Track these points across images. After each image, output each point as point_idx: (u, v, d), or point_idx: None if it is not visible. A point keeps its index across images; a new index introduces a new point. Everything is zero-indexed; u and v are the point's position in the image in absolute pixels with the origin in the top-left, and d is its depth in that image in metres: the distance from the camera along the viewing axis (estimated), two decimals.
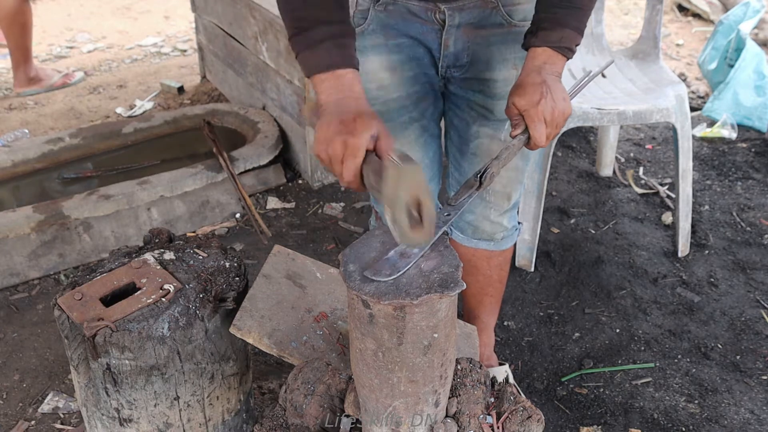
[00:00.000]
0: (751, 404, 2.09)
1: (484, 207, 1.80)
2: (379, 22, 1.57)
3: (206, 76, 4.12)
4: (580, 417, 2.06)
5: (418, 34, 1.57)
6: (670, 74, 2.71)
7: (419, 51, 1.60)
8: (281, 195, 3.09)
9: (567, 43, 1.39)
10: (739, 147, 3.45)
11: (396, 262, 1.11)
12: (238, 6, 3.31)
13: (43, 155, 3.08)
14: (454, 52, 1.59)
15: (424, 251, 1.13)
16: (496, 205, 1.79)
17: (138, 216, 2.73)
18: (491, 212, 1.80)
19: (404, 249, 1.13)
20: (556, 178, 3.21)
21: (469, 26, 1.55)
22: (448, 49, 1.58)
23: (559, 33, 1.38)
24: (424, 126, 1.69)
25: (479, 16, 1.54)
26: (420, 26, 1.56)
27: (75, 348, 1.42)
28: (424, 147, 1.71)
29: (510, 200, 1.79)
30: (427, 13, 1.54)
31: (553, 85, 1.38)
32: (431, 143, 1.73)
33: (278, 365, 2.06)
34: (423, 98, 1.66)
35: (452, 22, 1.54)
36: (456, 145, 1.75)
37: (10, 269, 2.54)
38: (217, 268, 1.55)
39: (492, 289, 2.01)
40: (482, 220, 1.82)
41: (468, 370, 1.35)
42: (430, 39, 1.58)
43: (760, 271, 2.63)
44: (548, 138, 1.40)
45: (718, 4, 4.90)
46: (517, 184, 1.77)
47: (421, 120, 1.67)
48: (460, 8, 1.52)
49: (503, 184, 1.75)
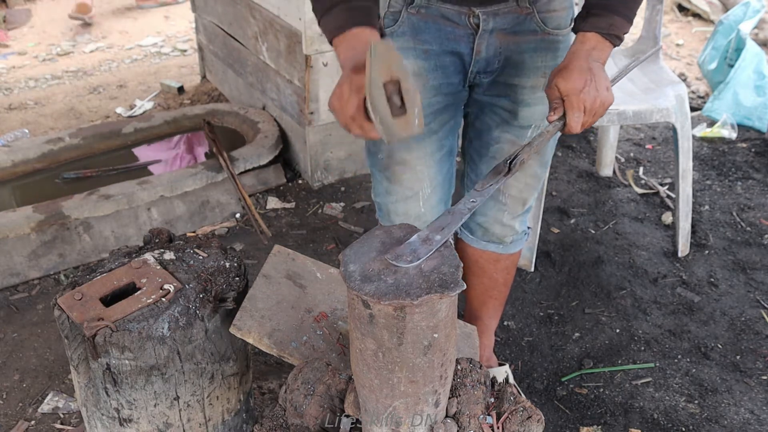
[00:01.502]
0: (751, 404, 2.09)
1: (497, 210, 1.79)
2: (410, 25, 1.54)
3: (206, 76, 4.12)
4: (580, 417, 2.06)
5: (450, 40, 1.55)
6: (670, 74, 2.71)
7: (446, 60, 1.58)
8: (281, 195, 3.09)
9: (616, 30, 1.38)
10: (739, 147, 3.45)
11: (417, 248, 1.09)
12: (238, 6, 3.31)
13: (43, 155, 3.08)
14: (485, 58, 1.57)
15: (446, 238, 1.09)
16: (510, 208, 1.78)
17: (138, 216, 2.74)
18: (504, 215, 1.80)
19: (426, 234, 1.10)
20: (556, 178, 3.21)
21: (503, 32, 1.53)
22: (480, 54, 1.56)
23: (609, 20, 1.37)
24: (441, 140, 1.67)
25: (513, 21, 1.53)
26: (453, 30, 1.54)
27: (75, 348, 1.42)
28: (438, 164, 1.69)
29: (525, 205, 1.78)
30: (461, 17, 1.52)
31: (598, 73, 1.36)
32: (446, 162, 1.72)
33: (278, 365, 2.06)
34: (443, 110, 1.64)
35: (486, 27, 1.52)
36: (475, 148, 1.74)
37: (10, 269, 2.54)
38: (217, 268, 1.55)
39: (496, 292, 2.01)
40: (494, 222, 1.82)
41: (468, 370, 1.35)
42: (462, 44, 1.55)
43: (760, 271, 2.63)
44: (584, 126, 1.39)
45: (718, 4, 4.89)
46: (534, 190, 1.76)
47: (438, 132, 1.65)
48: (495, 13, 1.51)
49: (520, 189, 1.74)
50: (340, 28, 1.26)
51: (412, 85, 0.99)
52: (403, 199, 1.70)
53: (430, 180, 1.69)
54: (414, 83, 1.01)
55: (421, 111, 1.03)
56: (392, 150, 1.64)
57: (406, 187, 1.68)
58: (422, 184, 1.68)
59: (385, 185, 1.71)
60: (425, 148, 1.65)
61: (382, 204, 1.76)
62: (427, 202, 1.71)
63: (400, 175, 1.67)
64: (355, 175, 3.22)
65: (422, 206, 1.71)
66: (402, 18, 1.54)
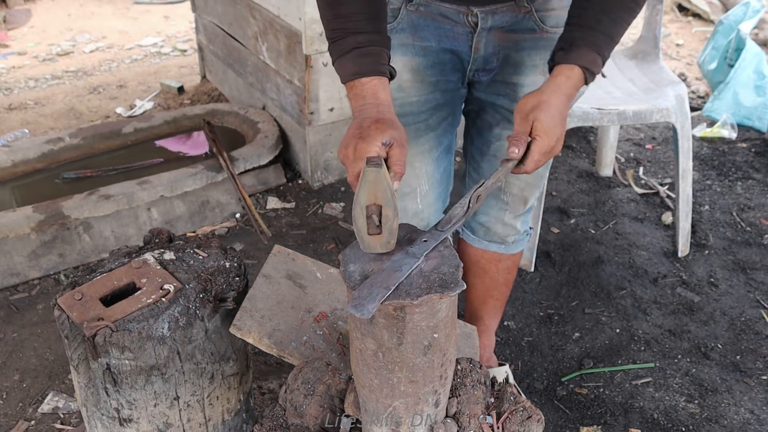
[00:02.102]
0: (751, 404, 2.09)
1: (499, 209, 1.79)
2: (409, 22, 1.55)
3: (206, 76, 4.12)
4: (580, 417, 2.06)
5: (449, 37, 1.56)
6: (670, 74, 2.71)
7: (445, 57, 1.58)
8: (281, 195, 3.09)
9: (594, 67, 1.34)
10: (739, 147, 3.45)
11: (372, 292, 1.06)
12: (238, 6, 3.31)
13: (43, 155, 3.08)
14: (484, 56, 1.57)
15: (399, 280, 1.07)
16: (512, 207, 1.78)
17: (138, 216, 2.73)
18: (506, 215, 1.80)
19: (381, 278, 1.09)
20: (556, 178, 3.21)
21: (501, 30, 1.54)
22: (478, 52, 1.57)
23: (591, 56, 1.33)
24: (439, 137, 1.67)
25: (512, 20, 1.53)
26: (451, 28, 1.55)
27: (75, 348, 1.42)
28: (436, 161, 1.70)
29: (526, 204, 1.78)
30: (459, 16, 1.52)
31: (566, 113, 1.34)
32: (443, 159, 1.72)
33: (278, 365, 2.06)
34: (441, 107, 1.64)
35: (484, 26, 1.52)
36: (477, 147, 1.74)
37: (10, 269, 2.54)
38: (217, 268, 1.55)
39: (497, 292, 2.01)
40: (495, 222, 1.82)
41: (468, 370, 1.35)
42: (460, 42, 1.56)
43: (760, 271, 2.63)
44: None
45: (718, 4, 4.90)
46: (535, 189, 1.76)
47: (436, 129, 1.66)
48: (493, 12, 1.51)
49: (521, 188, 1.74)
50: (353, 75, 1.30)
51: (393, 211, 1.10)
52: (401, 196, 1.71)
53: (428, 177, 1.69)
54: (395, 210, 1.10)
55: (395, 235, 1.12)
56: None
57: (403, 184, 1.69)
58: (420, 181, 1.69)
59: None
60: (423, 145, 1.65)
61: None
62: (424, 199, 1.72)
63: None
64: None
65: (420, 203, 1.72)
66: (401, 15, 1.55)
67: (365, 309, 1.01)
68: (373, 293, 1.04)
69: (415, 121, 1.62)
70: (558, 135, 1.32)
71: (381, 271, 1.09)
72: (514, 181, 1.72)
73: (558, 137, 1.32)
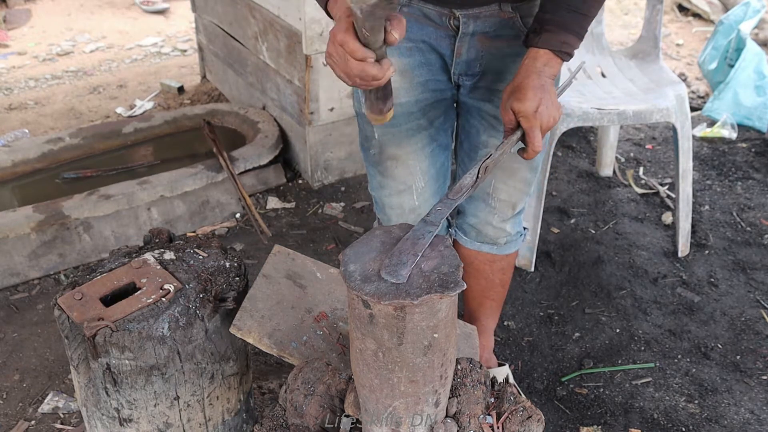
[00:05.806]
0: (751, 404, 2.09)
1: (487, 212, 1.79)
2: None
3: (206, 76, 4.12)
4: (580, 417, 2.06)
5: (432, 39, 1.55)
6: (670, 74, 2.71)
7: (432, 57, 1.58)
8: (281, 195, 3.10)
9: (567, 48, 1.38)
10: (739, 147, 3.45)
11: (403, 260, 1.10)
12: (238, 6, 3.31)
13: (43, 155, 3.08)
14: (466, 60, 1.57)
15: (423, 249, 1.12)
16: (499, 212, 1.78)
17: (138, 216, 2.74)
18: (494, 218, 1.79)
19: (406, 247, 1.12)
20: (556, 178, 3.21)
21: (484, 35, 1.53)
22: (460, 56, 1.56)
23: (562, 37, 1.37)
24: (432, 135, 1.67)
25: (495, 25, 1.52)
26: (434, 31, 1.54)
27: (75, 348, 1.42)
28: (431, 157, 1.69)
29: (514, 209, 1.78)
30: (441, 18, 1.51)
31: (550, 89, 1.37)
32: (439, 154, 1.71)
33: (278, 365, 2.06)
34: (432, 106, 1.63)
35: (466, 30, 1.51)
36: (466, 151, 1.74)
37: (10, 269, 2.54)
38: (217, 268, 1.55)
39: (493, 293, 2.00)
40: (485, 224, 1.81)
41: (468, 370, 1.35)
42: (443, 45, 1.55)
43: (760, 271, 2.63)
44: None
45: (718, 4, 4.90)
46: (523, 194, 1.76)
47: (429, 129, 1.65)
48: (476, 16, 1.49)
49: (509, 193, 1.74)
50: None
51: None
52: (397, 193, 1.71)
53: (423, 173, 1.69)
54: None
55: None
56: (383, 146, 1.65)
57: (399, 181, 1.69)
58: (415, 178, 1.69)
59: (378, 179, 1.73)
60: (416, 143, 1.65)
61: (377, 197, 1.78)
62: (421, 195, 1.72)
63: (392, 169, 1.68)
64: (355, 175, 3.22)
65: (416, 199, 1.72)
66: None
67: (399, 274, 1.06)
68: (403, 260, 1.09)
69: (406, 122, 1.62)
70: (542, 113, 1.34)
71: (405, 239, 1.14)
72: (502, 186, 1.72)
73: (546, 114, 1.35)
